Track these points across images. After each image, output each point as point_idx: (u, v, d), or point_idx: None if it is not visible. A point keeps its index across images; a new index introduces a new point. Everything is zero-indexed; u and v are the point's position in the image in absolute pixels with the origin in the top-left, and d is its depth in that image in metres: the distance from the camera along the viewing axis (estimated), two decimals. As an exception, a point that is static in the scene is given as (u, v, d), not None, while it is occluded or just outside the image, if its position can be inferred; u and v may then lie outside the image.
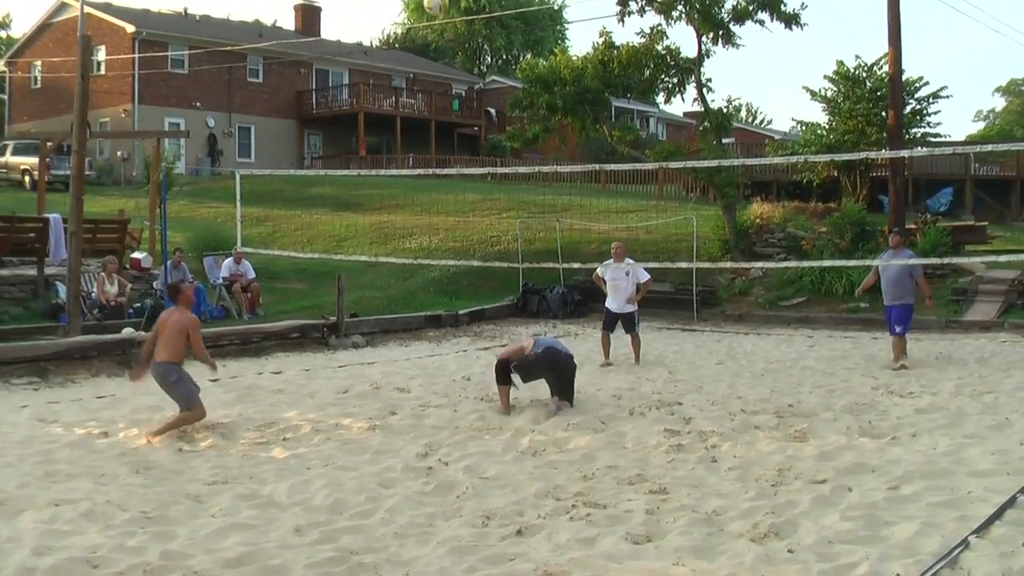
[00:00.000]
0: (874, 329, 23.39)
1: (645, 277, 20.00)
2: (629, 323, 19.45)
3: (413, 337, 23.94)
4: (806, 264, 26.90)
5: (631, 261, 20.19)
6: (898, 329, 18.36)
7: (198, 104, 56.17)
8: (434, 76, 68.93)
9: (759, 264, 27.67)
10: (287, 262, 30.13)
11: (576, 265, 26.68)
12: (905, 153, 29.68)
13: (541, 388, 14.29)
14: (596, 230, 34.11)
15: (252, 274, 25.85)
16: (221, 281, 25.53)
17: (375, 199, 42.40)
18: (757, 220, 32.39)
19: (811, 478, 10.08)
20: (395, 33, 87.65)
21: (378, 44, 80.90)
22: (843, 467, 10.46)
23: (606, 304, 19.73)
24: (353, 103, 60.45)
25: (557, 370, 14.10)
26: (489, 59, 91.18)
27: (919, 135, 39.73)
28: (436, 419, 13.28)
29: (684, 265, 26.56)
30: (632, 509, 9.04)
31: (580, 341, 23.23)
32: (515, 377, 14.04)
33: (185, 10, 63.23)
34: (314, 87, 62.20)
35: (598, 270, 20.19)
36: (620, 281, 19.46)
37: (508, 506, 9.19)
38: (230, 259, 25.82)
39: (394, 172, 47.68)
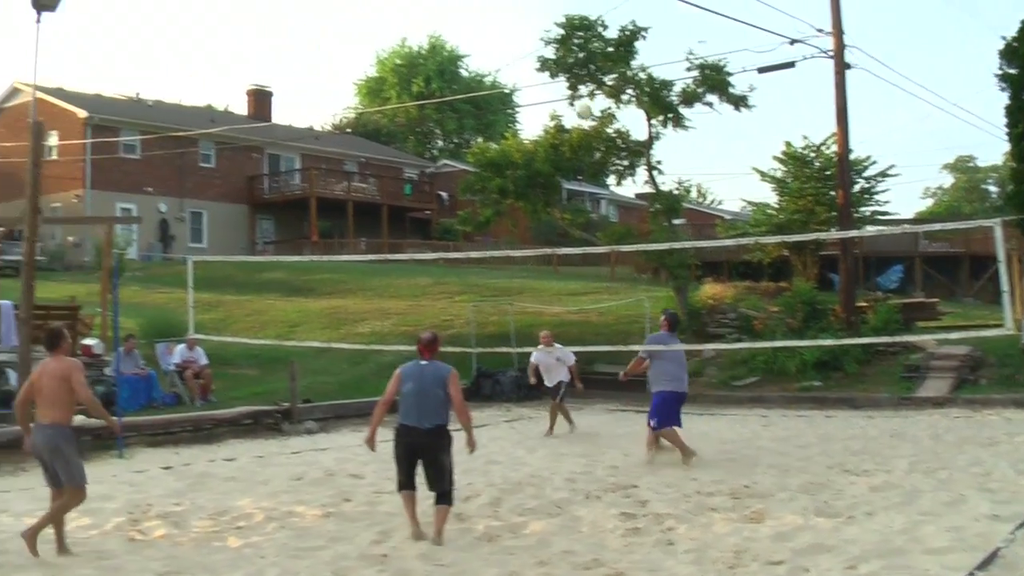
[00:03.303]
0: (828, 407, 23.49)
1: (572, 360, 22.00)
2: (558, 392, 21.73)
3: (366, 422, 23.63)
4: (758, 345, 26.95)
5: (559, 346, 22.22)
6: (652, 423, 17.23)
7: (150, 189, 55.91)
8: (386, 160, 69.11)
9: (712, 345, 27.66)
10: (239, 348, 29.93)
11: (530, 349, 26.66)
12: (855, 233, 30.04)
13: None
14: (548, 313, 34.11)
15: (204, 360, 25.67)
16: (173, 367, 25.34)
17: (327, 284, 42.34)
18: (709, 301, 32.48)
19: (768, 559, 10.01)
20: (347, 118, 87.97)
21: (329, 129, 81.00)
22: (800, 548, 10.41)
23: (546, 383, 22.19)
24: (305, 188, 60.41)
25: (412, 451, 11.93)
26: (440, 143, 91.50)
27: (868, 213, 40.10)
28: (390, 505, 13.18)
29: (636, 347, 26.41)
30: (589, 594, 8.97)
31: (535, 424, 23.23)
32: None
33: (137, 95, 63.35)
34: (266, 172, 62.19)
35: (532, 357, 22.52)
36: (551, 364, 21.96)
37: (464, 593, 9.11)
38: (182, 345, 25.65)
39: (347, 257, 47.56)
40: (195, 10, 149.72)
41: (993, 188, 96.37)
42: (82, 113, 54.11)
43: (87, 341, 26.24)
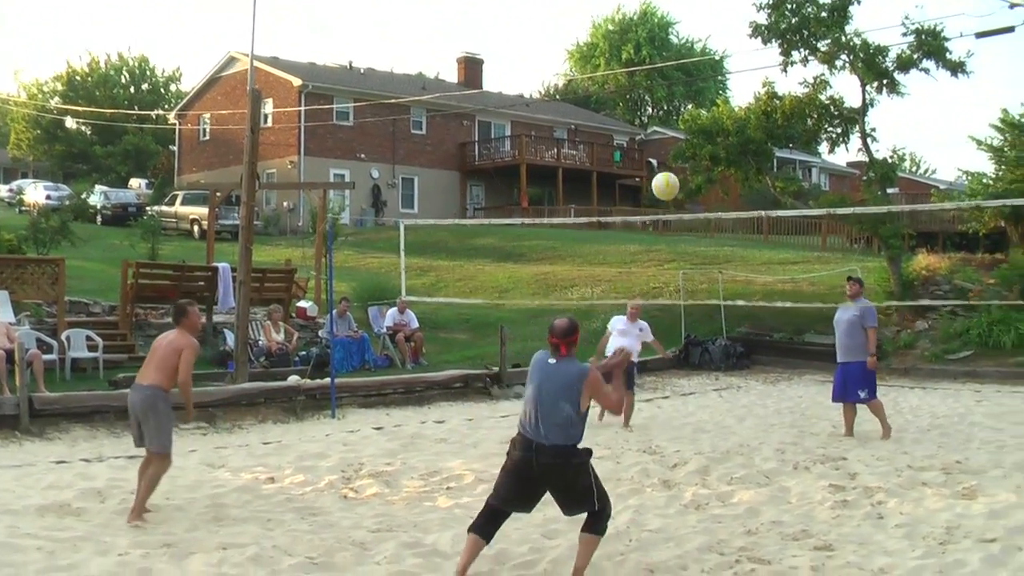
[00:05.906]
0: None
1: (651, 338, 19.17)
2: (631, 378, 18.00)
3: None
4: (974, 316, 26.36)
5: (644, 324, 19.14)
6: (861, 395, 16.32)
7: (362, 156, 56.85)
8: (596, 127, 69.03)
9: (929, 307, 27.02)
10: (450, 312, 30.35)
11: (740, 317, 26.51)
12: (1077, 202, 29.02)
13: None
14: (759, 282, 33.84)
15: (415, 324, 26.07)
16: (385, 331, 25.81)
17: (537, 250, 42.58)
18: (923, 271, 31.86)
19: (980, 537, 9.82)
20: (556, 85, 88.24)
21: (539, 96, 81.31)
22: (1014, 526, 10.17)
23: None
24: (515, 154, 60.68)
25: (526, 473, 8.92)
26: (650, 110, 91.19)
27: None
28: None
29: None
30: (797, 566, 8.92)
31: (743, 394, 23.11)
32: None
33: (350, 63, 64.14)
34: (476, 139, 62.64)
35: (609, 325, 19.22)
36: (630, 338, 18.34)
37: (671, 560, 9.14)
38: (394, 309, 26.09)
39: (558, 221, 47.67)
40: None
41: None
42: (296, 81, 55.14)
43: (301, 303, 26.97)
